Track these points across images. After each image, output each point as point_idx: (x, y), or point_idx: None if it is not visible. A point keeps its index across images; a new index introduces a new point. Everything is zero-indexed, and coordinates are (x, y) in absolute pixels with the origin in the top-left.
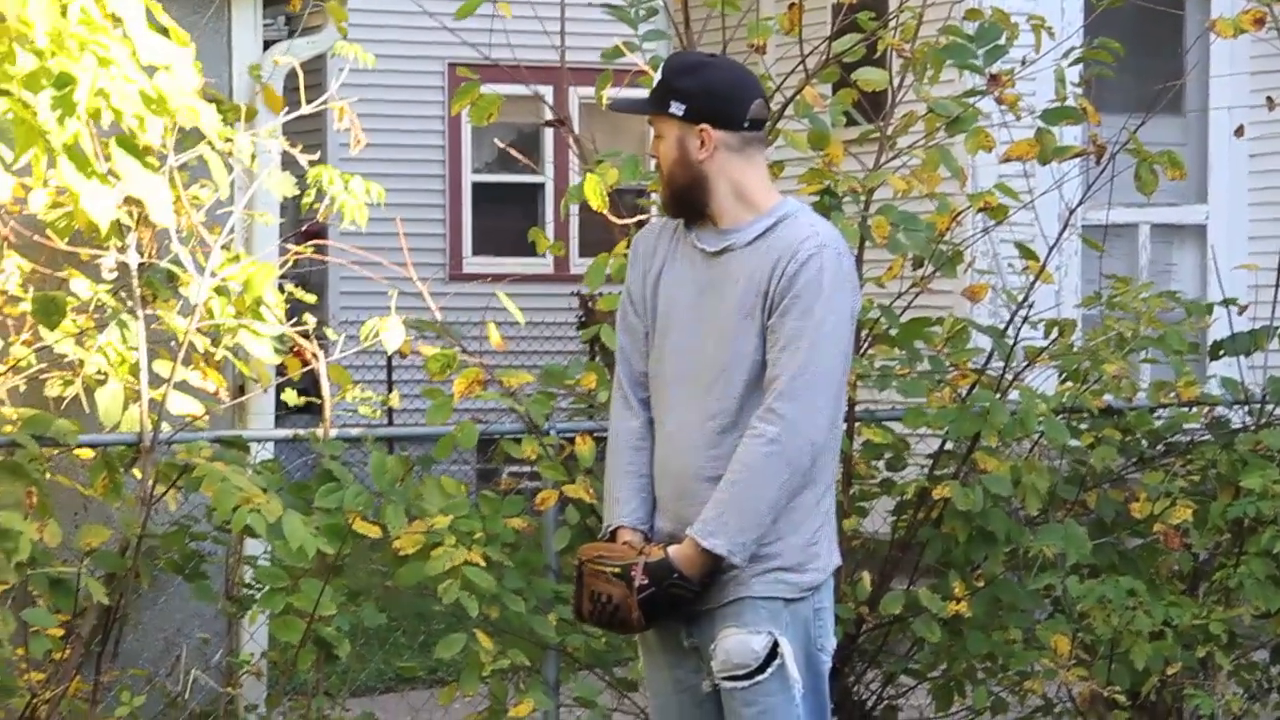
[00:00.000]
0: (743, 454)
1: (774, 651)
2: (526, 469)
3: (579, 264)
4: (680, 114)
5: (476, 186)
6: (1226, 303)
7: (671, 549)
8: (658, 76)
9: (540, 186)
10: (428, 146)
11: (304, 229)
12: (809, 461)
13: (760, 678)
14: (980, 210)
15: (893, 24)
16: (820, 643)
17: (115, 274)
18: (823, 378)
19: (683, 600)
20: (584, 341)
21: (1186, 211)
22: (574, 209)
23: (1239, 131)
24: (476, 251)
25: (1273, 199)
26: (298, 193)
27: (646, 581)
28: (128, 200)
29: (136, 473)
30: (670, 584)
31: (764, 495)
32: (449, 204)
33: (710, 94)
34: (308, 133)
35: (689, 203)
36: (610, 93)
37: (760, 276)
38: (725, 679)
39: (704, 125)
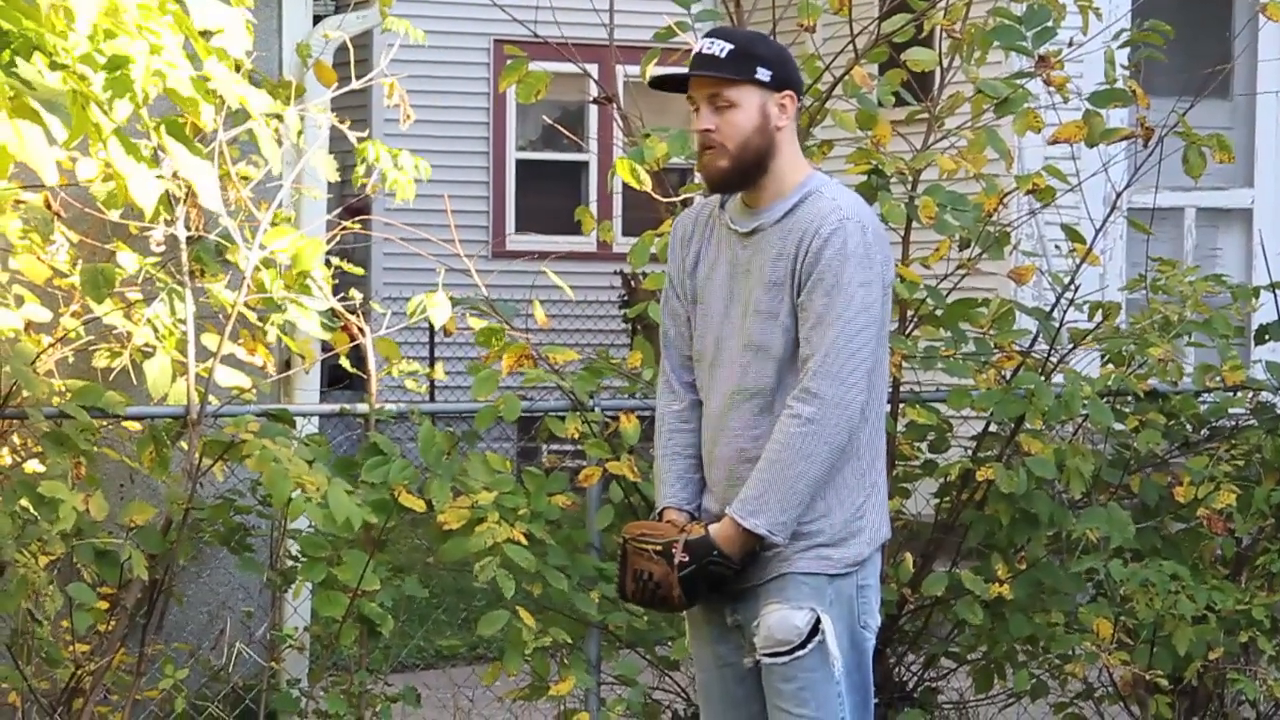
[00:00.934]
0: (780, 434)
1: (816, 627)
2: (569, 448)
3: (622, 243)
4: (767, 79)
5: (520, 164)
6: (1273, 287)
7: (712, 527)
8: (723, 46)
9: (584, 165)
10: (472, 123)
11: (347, 205)
12: (846, 437)
13: (800, 653)
14: (1029, 192)
15: (941, 4)
16: (864, 619)
17: (163, 247)
18: (855, 353)
19: (723, 578)
20: (627, 320)
21: (1233, 196)
22: (618, 187)
23: None
24: (520, 229)
25: None
26: (339, 176)
27: (687, 559)
28: (175, 175)
29: (183, 445)
30: (710, 561)
31: (804, 473)
32: (493, 181)
33: (787, 63)
34: (354, 108)
35: (752, 174)
36: (695, 49)
37: (788, 254)
38: (766, 655)
39: (789, 92)
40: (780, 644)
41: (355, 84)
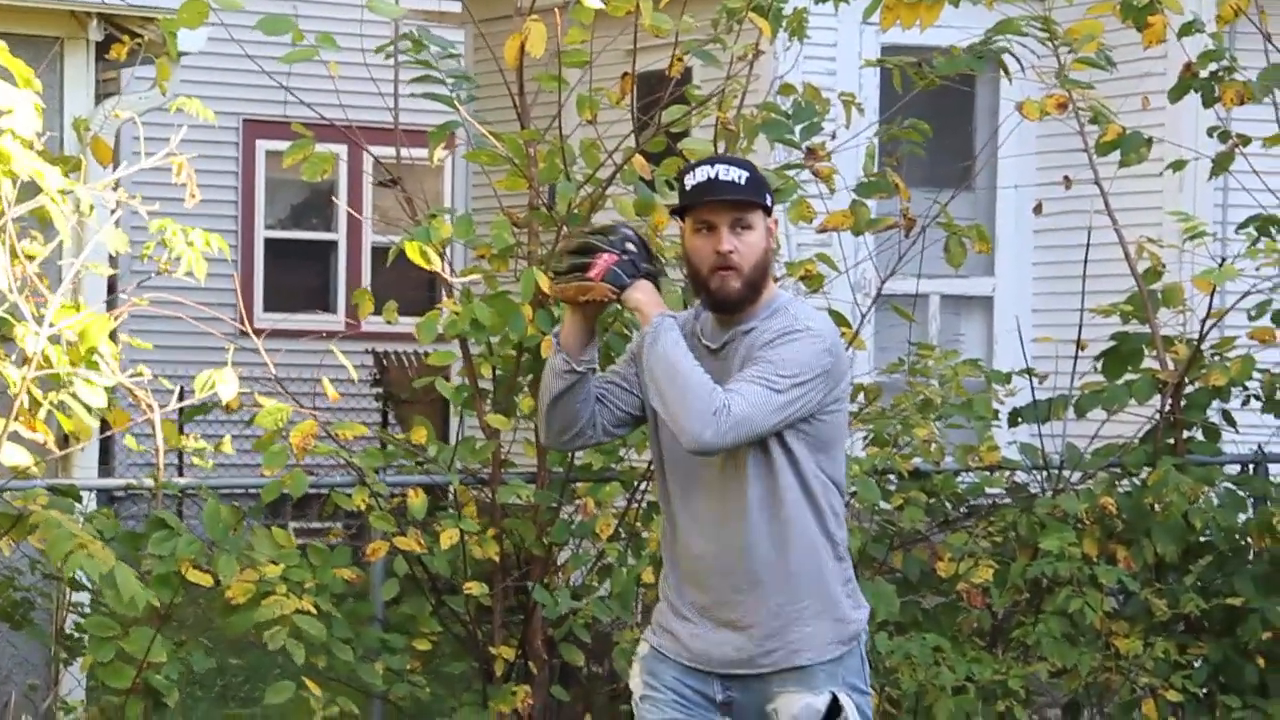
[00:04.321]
0: (705, 376)
1: (835, 707)
2: (339, 524)
3: (370, 323)
4: (768, 205)
5: (269, 242)
6: (1026, 372)
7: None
8: (739, 173)
9: (334, 244)
10: (221, 201)
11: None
12: (692, 432)
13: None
14: (801, 278)
15: (715, 98)
16: (863, 686)
17: None
18: (760, 409)
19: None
20: (378, 399)
21: (975, 283)
22: (365, 268)
23: (1037, 209)
24: (268, 308)
25: (1056, 273)
26: (129, 249)
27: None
28: None
29: None
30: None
31: (672, 384)
32: (241, 259)
33: (769, 189)
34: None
35: (751, 296)
36: (703, 174)
37: (747, 355)
38: None
39: (775, 216)
40: None
41: (146, 162)
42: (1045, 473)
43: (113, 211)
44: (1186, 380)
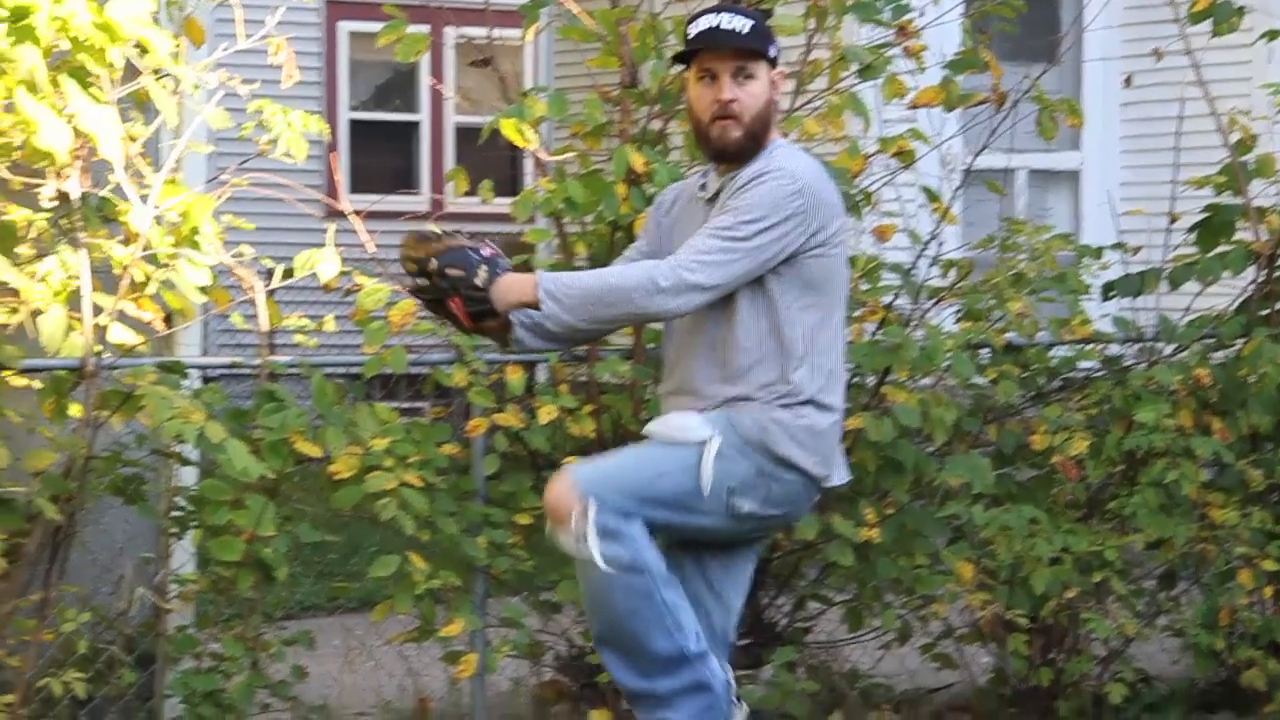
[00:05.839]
0: (632, 269)
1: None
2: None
3: (455, 203)
4: (773, 56)
5: (354, 124)
6: (1117, 246)
7: (513, 274)
8: (743, 21)
9: (416, 125)
10: (305, 83)
11: None
12: (654, 318)
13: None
14: (895, 154)
15: None
16: (736, 488)
17: (55, 203)
18: (720, 268)
19: (457, 288)
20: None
21: (1061, 158)
22: (448, 149)
23: (1128, 82)
24: (353, 189)
25: (1143, 146)
26: (231, 123)
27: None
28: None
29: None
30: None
31: (611, 308)
32: (325, 140)
33: (776, 42)
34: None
35: (751, 146)
36: (706, 22)
37: (724, 202)
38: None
39: (781, 69)
40: (672, 428)
41: (244, 43)
42: (1139, 345)
43: (213, 92)
44: None
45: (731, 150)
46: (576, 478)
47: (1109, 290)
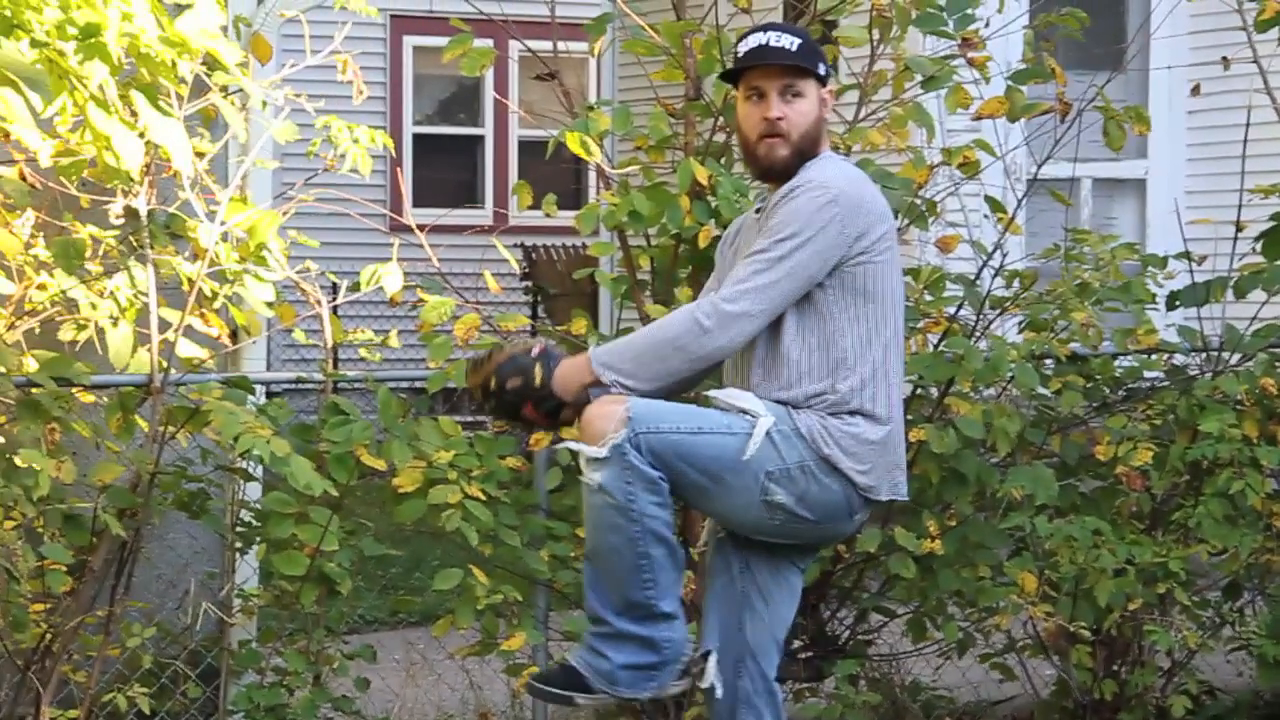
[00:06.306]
0: (675, 316)
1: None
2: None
3: (518, 217)
4: (823, 74)
5: (417, 138)
6: (1183, 256)
7: (568, 360)
8: (791, 39)
9: (480, 139)
10: (371, 98)
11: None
12: (712, 357)
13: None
14: (960, 165)
15: None
16: (775, 474)
17: (123, 220)
18: (763, 293)
19: (526, 398)
20: (528, 291)
21: (1127, 166)
22: (512, 163)
23: (1195, 90)
24: (417, 203)
25: (1210, 154)
26: (297, 136)
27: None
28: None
29: (139, 420)
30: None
31: (665, 361)
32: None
33: (824, 58)
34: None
35: (798, 165)
36: (754, 41)
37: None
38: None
39: (831, 87)
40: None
41: (312, 59)
42: (1204, 355)
43: (280, 108)
44: None
45: (779, 168)
46: (631, 406)
47: (1174, 300)
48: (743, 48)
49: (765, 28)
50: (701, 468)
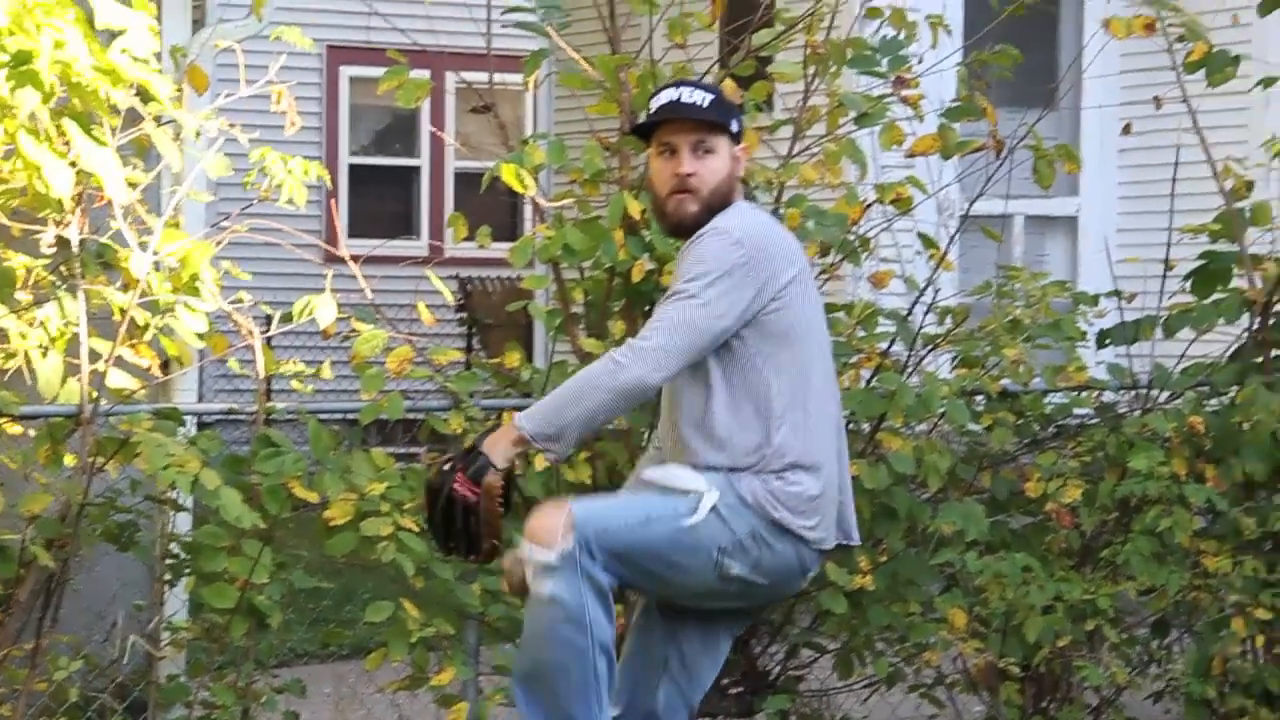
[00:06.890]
0: (594, 363)
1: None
2: (425, 449)
3: (454, 249)
4: (735, 131)
5: (353, 169)
6: (1114, 294)
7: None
8: (703, 95)
9: (416, 170)
10: (306, 128)
11: None
12: (636, 395)
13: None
14: (891, 202)
15: (801, 24)
16: (728, 548)
17: (54, 249)
18: (677, 329)
19: (455, 468)
20: (462, 323)
21: (1059, 204)
22: (448, 194)
23: (1127, 129)
24: (352, 234)
25: (1140, 193)
26: (231, 171)
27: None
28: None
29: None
30: (467, 462)
31: (582, 403)
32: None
33: (737, 114)
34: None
35: (706, 220)
36: (666, 96)
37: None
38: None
39: (745, 145)
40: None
41: (246, 90)
42: (1133, 392)
43: (214, 139)
44: (1275, 299)
45: (688, 224)
46: (574, 512)
47: (1104, 338)
48: (655, 103)
49: (678, 83)
50: (655, 557)
